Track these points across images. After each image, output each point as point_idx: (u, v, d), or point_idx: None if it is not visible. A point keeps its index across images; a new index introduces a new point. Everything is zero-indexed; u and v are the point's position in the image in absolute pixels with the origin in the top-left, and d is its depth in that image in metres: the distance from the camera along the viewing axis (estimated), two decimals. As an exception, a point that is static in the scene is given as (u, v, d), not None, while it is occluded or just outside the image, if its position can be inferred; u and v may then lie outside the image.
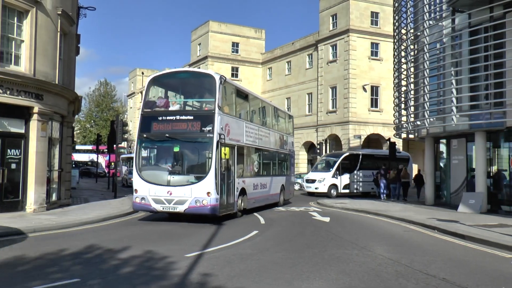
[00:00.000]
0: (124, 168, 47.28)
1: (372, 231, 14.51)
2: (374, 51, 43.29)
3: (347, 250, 10.78)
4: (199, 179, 15.02)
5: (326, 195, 30.48)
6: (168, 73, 19.03)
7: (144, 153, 16.35)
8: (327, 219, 17.25)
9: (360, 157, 32.80)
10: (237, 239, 12.14)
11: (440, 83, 21.67)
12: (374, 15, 43.37)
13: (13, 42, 16.35)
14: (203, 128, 15.32)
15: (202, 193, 14.80)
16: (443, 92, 21.52)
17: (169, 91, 17.99)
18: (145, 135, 16.04)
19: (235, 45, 55.90)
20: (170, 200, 15.15)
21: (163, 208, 15.28)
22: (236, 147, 17.09)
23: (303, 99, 48.51)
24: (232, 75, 54.76)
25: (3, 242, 11.17)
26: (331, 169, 31.17)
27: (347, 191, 31.73)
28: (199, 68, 56.42)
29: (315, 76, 46.58)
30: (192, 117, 16.03)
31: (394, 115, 28.25)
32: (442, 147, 24.38)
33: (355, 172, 32.25)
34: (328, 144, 40.32)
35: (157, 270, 8.42)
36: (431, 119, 22.15)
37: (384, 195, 28.26)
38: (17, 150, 16.61)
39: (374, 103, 43.11)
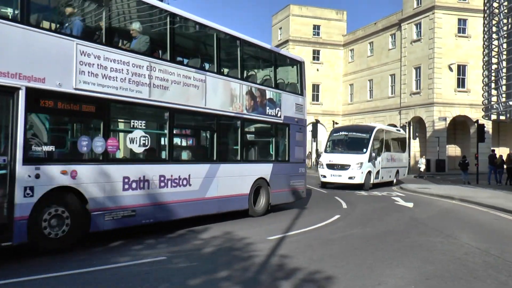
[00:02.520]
0: None
1: (458, 218, 13.89)
2: (462, 27, 41.00)
3: (431, 238, 10.40)
4: None
5: (359, 187, 23.28)
6: None
7: None
8: (410, 205, 16.75)
9: (384, 133, 26.40)
10: (319, 223, 12.11)
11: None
12: (462, -10, 40.99)
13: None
14: None
15: None
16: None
17: None
18: None
19: (316, 27, 55.15)
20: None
21: None
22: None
23: (385, 81, 47.11)
24: (314, 58, 54.20)
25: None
26: (364, 149, 23.44)
27: (377, 180, 24.67)
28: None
29: (398, 56, 45.00)
30: None
31: (483, 95, 26.73)
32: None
33: (383, 153, 25.40)
34: (412, 127, 38.96)
35: (239, 251, 8.61)
36: (526, 100, 20.70)
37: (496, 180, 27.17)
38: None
39: (460, 83, 40.98)
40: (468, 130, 41.74)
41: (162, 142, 10.81)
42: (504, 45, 23.17)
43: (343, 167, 22.82)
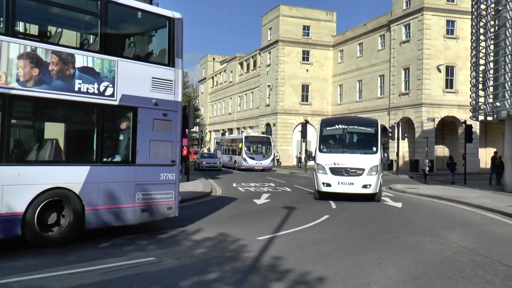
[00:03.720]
0: (219, 152, 48.62)
1: (447, 218, 14.01)
2: (450, 29, 41.30)
3: (420, 237, 10.48)
4: None
5: (368, 198, 17.87)
6: None
7: None
8: (399, 205, 16.86)
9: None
10: (308, 223, 12.13)
11: (524, 61, 20.38)
12: (451, -9, 41.28)
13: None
14: None
15: None
16: (526, 71, 20.23)
17: None
18: None
19: (306, 28, 55.26)
20: None
21: None
22: None
23: (375, 82, 47.33)
24: (303, 58, 54.33)
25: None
26: (374, 147, 18.16)
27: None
28: (270, 52, 56.50)
29: (387, 57, 45.24)
30: None
31: (471, 96, 26.93)
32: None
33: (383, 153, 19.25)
34: (400, 128, 39.17)
35: (230, 252, 8.62)
36: (513, 100, 20.90)
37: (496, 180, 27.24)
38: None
39: (449, 84, 41.28)
40: (456, 131, 42.07)
41: None
42: (491, 47, 23.38)
43: (356, 172, 17.32)
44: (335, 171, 17.50)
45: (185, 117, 28.52)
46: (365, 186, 17.26)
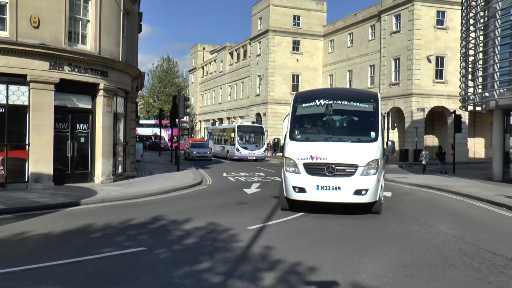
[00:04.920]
0: (211, 142, 48.35)
1: (435, 207, 14.16)
2: (440, 19, 41.38)
3: (409, 226, 10.60)
4: None
5: (364, 209, 12.34)
6: None
7: None
8: (388, 194, 16.98)
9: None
10: (297, 213, 12.17)
11: (512, 52, 20.51)
12: (441, -18, 41.33)
13: (80, 22, 17.00)
14: None
15: None
16: (515, 62, 20.37)
17: None
18: None
19: (296, 18, 55.10)
20: None
21: None
22: None
23: (365, 72, 47.40)
24: (294, 48, 54.23)
25: (76, 210, 11.89)
26: (373, 132, 12.62)
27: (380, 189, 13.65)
28: (260, 42, 56.31)
29: (377, 47, 45.28)
30: None
31: (460, 87, 27.09)
32: (513, 120, 23.18)
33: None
34: (390, 118, 39.32)
35: (220, 241, 8.66)
36: (501, 90, 21.07)
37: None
38: (85, 125, 17.43)
39: (439, 74, 41.46)
40: (445, 121, 42.33)
41: None
42: (481, 38, 23.50)
43: (344, 170, 11.62)
44: (313, 168, 11.67)
45: (175, 107, 28.54)
46: (358, 192, 11.45)
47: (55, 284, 6.06)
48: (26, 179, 15.74)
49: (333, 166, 11.58)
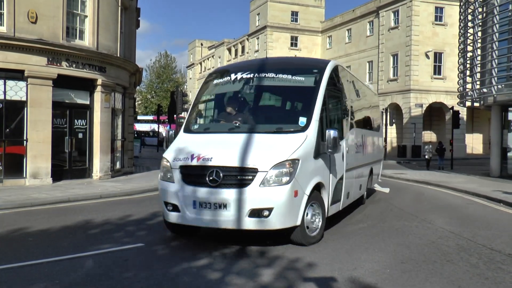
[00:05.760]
0: None
1: (433, 203, 14.18)
2: (439, 15, 41.40)
3: (407, 222, 10.61)
4: None
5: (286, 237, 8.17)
6: None
7: None
8: (386, 190, 17.00)
9: (349, 79, 12.51)
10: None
11: (511, 47, 20.50)
12: (439, -22, 41.29)
13: (78, 17, 16.98)
14: None
15: None
16: (513, 57, 20.39)
17: None
18: None
19: (294, 14, 55.05)
20: None
21: None
22: None
23: (363, 68, 47.39)
24: (292, 44, 54.25)
25: (74, 207, 11.89)
26: (303, 117, 8.32)
27: (341, 203, 9.90)
28: (258, 38, 56.19)
29: (376, 43, 45.27)
30: None
31: (458, 83, 27.12)
32: (511, 116, 23.19)
33: (351, 131, 10.74)
34: (389, 113, 39.35)
35: (218, 237, 8.64)
36: (499, 86, 21.10)
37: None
38: (83, 121, 17.42)
39: (437, 70, 41.49)
40: (443, 117, 42.39)
41: None
42: (479, 34, 23.50)
43: (236, 177, 7.47)
44: (190, 175, 7.77)
45: (173, 102, 28.50)
46: (256, 213, 7.37)
47: (53, 280, 6.05)
48: (24, 175, 15.74)
49: (218, 171, 7.42)
